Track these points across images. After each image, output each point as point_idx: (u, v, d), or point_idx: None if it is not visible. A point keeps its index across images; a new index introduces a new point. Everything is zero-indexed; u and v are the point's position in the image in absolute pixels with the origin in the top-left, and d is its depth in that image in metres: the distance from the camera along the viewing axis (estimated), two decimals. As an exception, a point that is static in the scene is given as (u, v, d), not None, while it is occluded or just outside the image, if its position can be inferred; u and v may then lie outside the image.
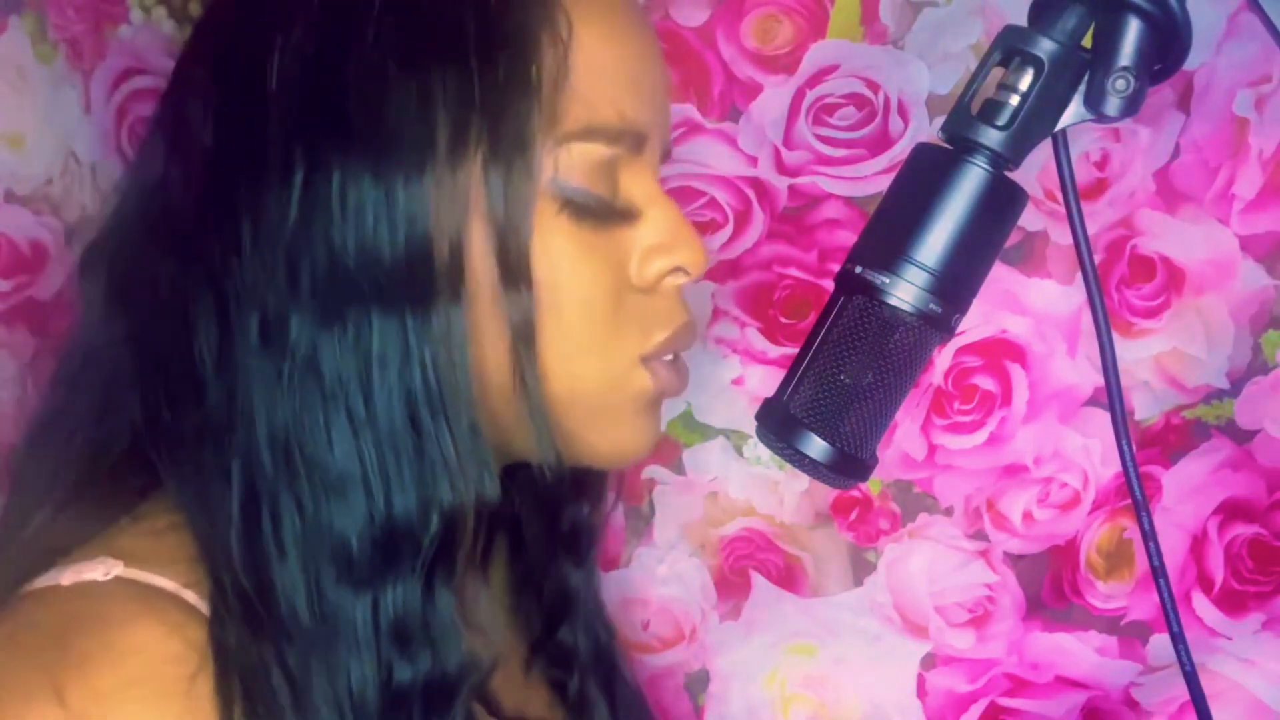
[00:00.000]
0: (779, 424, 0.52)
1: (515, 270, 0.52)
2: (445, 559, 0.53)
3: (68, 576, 0.50)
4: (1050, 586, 0.88)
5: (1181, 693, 0.86)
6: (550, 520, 0.69)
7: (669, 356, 0.58)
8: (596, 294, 0.54)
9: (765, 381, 0.88)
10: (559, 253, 0.53)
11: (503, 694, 0.61)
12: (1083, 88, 0.50)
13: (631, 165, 0.56)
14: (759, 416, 0.54)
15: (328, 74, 0.51)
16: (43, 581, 0.51)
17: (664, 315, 0.57)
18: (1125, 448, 0.54)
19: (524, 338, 0.52)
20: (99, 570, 0.50)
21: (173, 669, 0.48)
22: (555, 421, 0.55)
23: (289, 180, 0.50)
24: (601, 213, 0.54)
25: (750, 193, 0.85)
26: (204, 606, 0.51)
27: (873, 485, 0.88)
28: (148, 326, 0.54)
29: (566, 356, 0.54)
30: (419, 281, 0.50)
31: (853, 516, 0.89)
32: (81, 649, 0.48)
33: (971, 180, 0.50)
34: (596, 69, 0.53)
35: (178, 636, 0.49)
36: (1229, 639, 0.86)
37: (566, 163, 0.53)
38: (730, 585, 0.92)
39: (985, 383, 0.86)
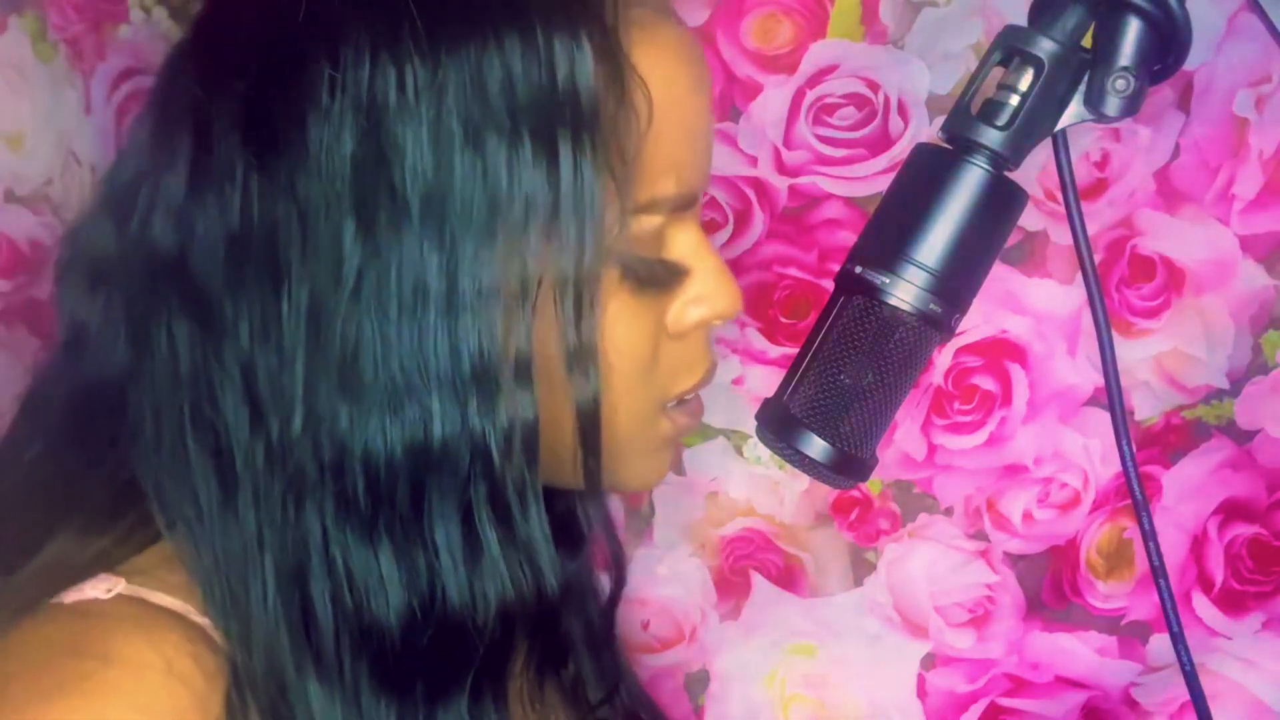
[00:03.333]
0: (779, 424, 0.52)
1: (584, 353, 0.49)
2: (497, 667, 0.50)
3: (69, 595, 0.49)
4: (1050, 586, 0.88)
5: (1181, 693, 0.86)
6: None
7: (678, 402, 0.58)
8: (642, 355, 0.54)
9: (765, 381, 0.88)
10: (615, 320, 0.52)
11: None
12: (1083, 88, 0.50)
13: (678, 223, 0.55)
14: (759, 416, 0.54)
15: (382, 148, 0.46)
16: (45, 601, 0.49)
17: (692, 361, 0.57)
18: (1125, 448, 0.54)
19: (592, 418, 0.50)
20: (101, 588, 0.49)
21: (175, 688, 0.47)
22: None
23: (338, 269, 0.47)
24: (661, 279, 0.54)
25: (750, 193, 0.85)
26: (213, 628, 0.49)
27: (873, 485, 0.88)
28: (164, 390, 0.50)
29: (607, 412, 0.52)
30: (485, 373, 0.48)
31: (853, 516, 0.89)
32: (81, 668, 0.46)
33: (971, 180, 0.50)
34: (664, 138, 0.51)
35: (181, 656, 0.48)
36: (1229, 639, 0.86)
37: (630, 235, 0.51)
38: (730, 585, 0.92)
39: (985, 383, 0.86)
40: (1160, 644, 0.88)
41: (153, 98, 0.54)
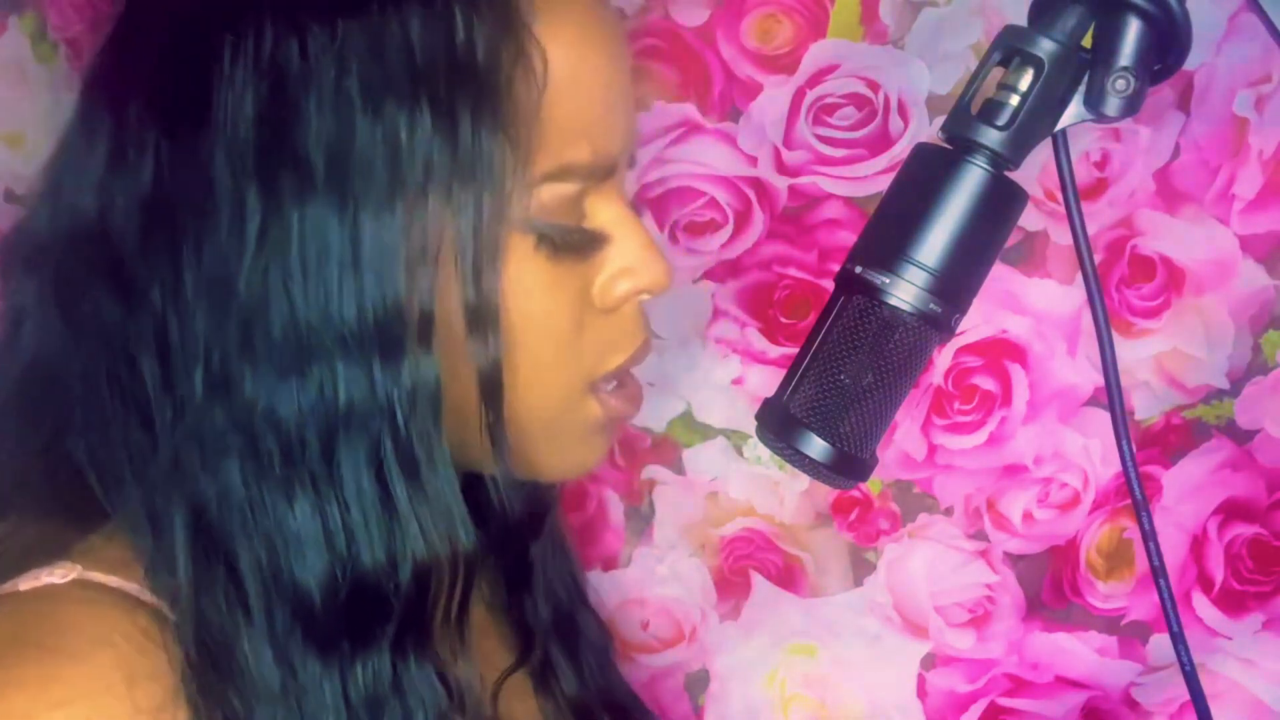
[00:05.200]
0: (779, 424, 0.52)
1: (484, 316, 0.50)
2: (417, 620, 0.51)
3: (25, 582, 0.49)
4: (1050, 586, 0.88)
5: (1181, 693, 0.86)
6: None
7: (613, 385, 0.57)
8: (562, 326, 0.54)
9: (765, 381, 0.88)
10: (531, 287, 0.52)
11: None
12: (1083, 88, 0.50)
13: (598, 192, 0.55)
14: (759, 416, 0.54)
15: (284, 112, 0.47)
16: (3, 589, 0.49)
17: (621, 336, 0.57)
18: (1125, 448, 0.54)
19: (492, 382, 0.51)
20: (56, 574, 0.49)
21: (132, 671, 0.47)
22: (512, 446, 0.53)
23: (241, 230, 0.47)
24: (576, 245, 0.54)
25: (750, 193, 0.85)
26: (166, 608, 0.49)
27: (873, 485, 0.88)
28: (91, 359, 0.51)
29: (524, 385, 0.53)
30: (388, 333, 0.48)
31: (853, 516, 0.89)
32: (39, 654, 0.46)
33: (971, 180, 0.50)
34: (570, 105, 0.52)
35: (137, 637, 0.48)
36: (1229, 639, 0.86)
37: (539, 202, 0.52)
38: (730, 585, 0.92)
39: (985, 383, 0.86)
40: (1160, 644, 0.88)
41: (82, 87, 0.55)
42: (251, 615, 0.49)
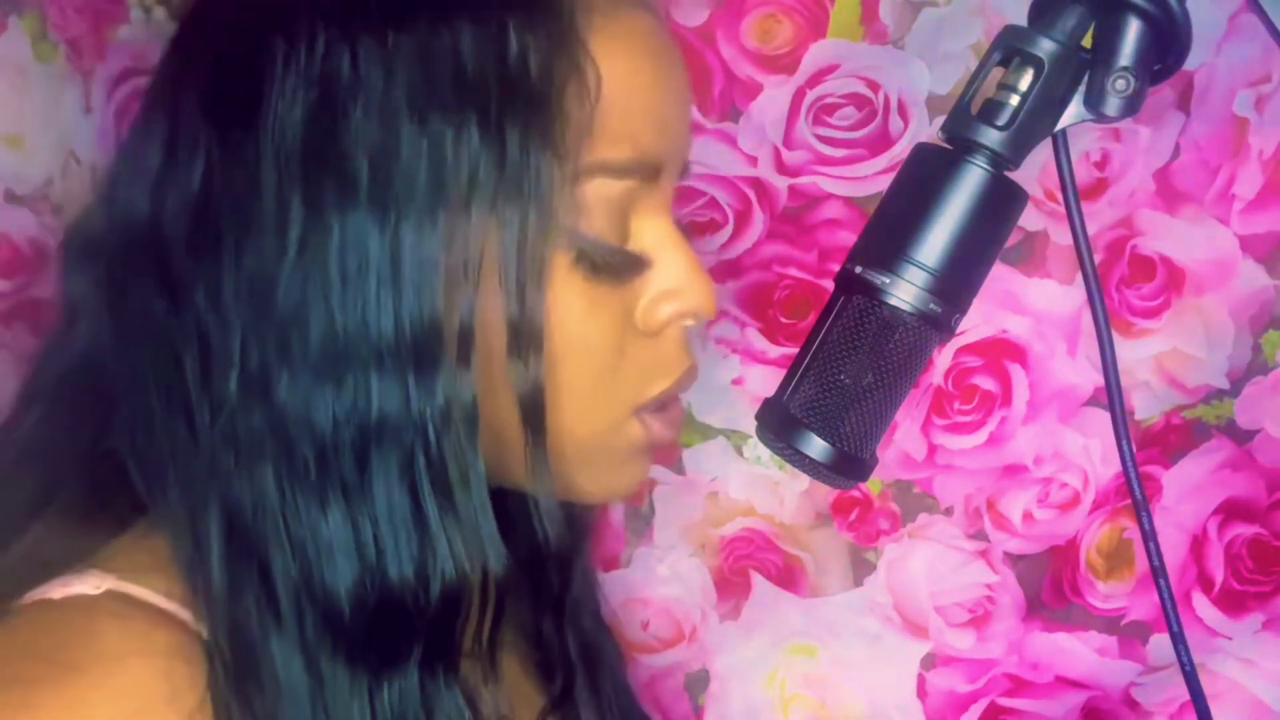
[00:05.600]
0: (779, 424, 0.52)
1: (526, 334, 0.49)
2: (446, 641, 0.50)
3: (57, 590, 0.48)
4: (1050, 586, 0.88)
5: (1181, 693, 0.86)
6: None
7: (655, 408, 0.56)
8: (602, 348, 0.53)
9: (765, 381, 0.88)
10: (569, 308, 0.51)
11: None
12: (1083, 88, 0.50)
13: (644, 200, 0.54)
14: (759, 416, 0.54)
15: (332, 120, 0.47)
16: (34, 596, 0.49)
17: (666, 362, 0.56)
18: (1125, 448, 0.54)
19: (533, 403, 0.50)
20: (89, 584, 0.48)
21: (161, 684, 0.47)
22: (553, 470, 0.53)
23: (283, 235, 0.47)
24: (617, 265, 0.53)
25: (750, 193, 0.85)
26: (195, 622, 0.49)
27: (873, 485, 0.88)
28: (139, 356, 0.51)
29: (563, 408, 0.52)
30: (424, 348, 0.48)
31: (853, 516, 0.89)
32: (70, 663, 0.46)
33: (971, 180, 0.50)
34: (618, 111, 0.51)
35: (167, 653, 0.48)
36: (1229, 639, 0.86)
37: (580, 207, 0.51)
38: (730, 585, 0.92)
39: (985, 383, 0.86)
40: (1160, 644, 0.88)
41: (146, 91, 0.55)
42: (282, 621, 0.49)
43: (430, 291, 0.48)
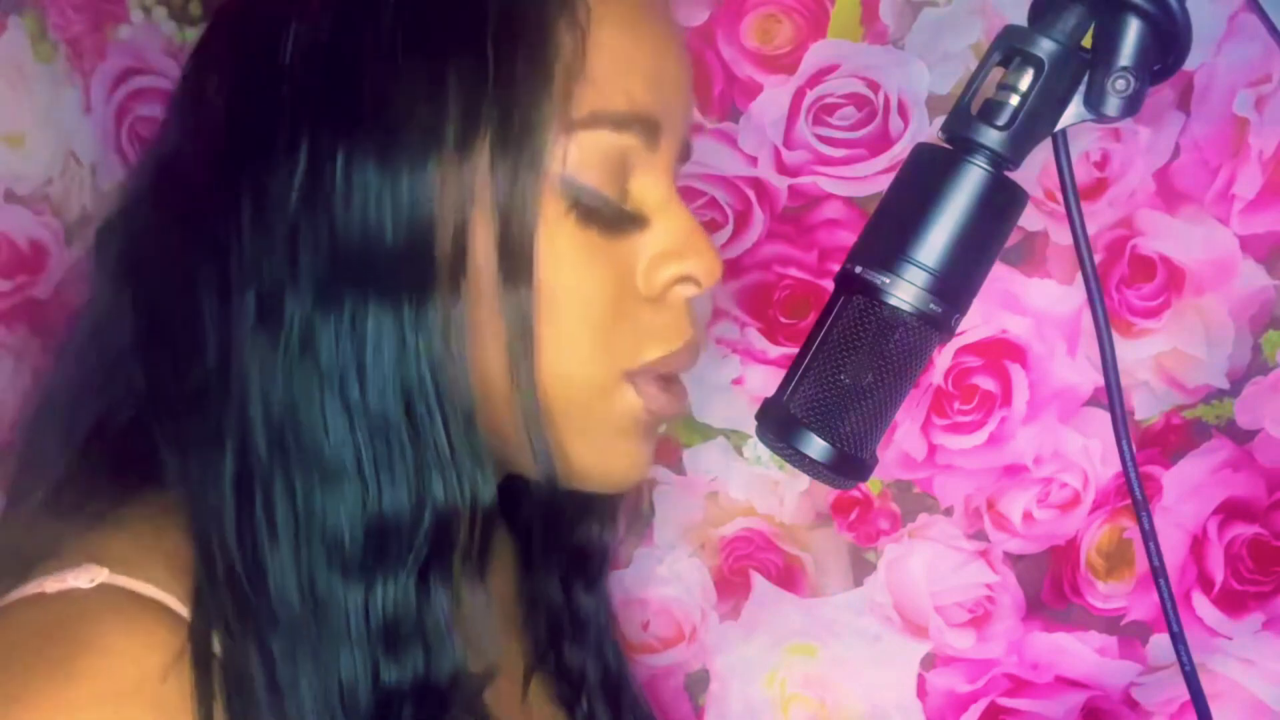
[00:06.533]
0: (779, 424, 0.52)
1: (517, 266, 0.51)
2: (440, 559, 0.52)
3: (51, 584, 0.49)
4: (1050, 586, 0.88)
5: (1181, 693, 0.86)
6: (554, 536, 0.68)
7: (662, 374, 0.57)
8: (596, 300, 0.53)
9: (765, 381, 0.88)
10: (563, 254, 0.52)
11: (500, 710, 0.59)
12: (1083, 88, 0.50)
13: (645, 164, 0.55)
14: (759, 416, 0.54)
15: (341, 56, 0.51)
16: (29, 589, 0.49)
17: (666, 329, 0.56)
18: (1125, 448, 0.54)
19: (521, 337, 0.51)
20: (84, 577, 0.49)
21: (155, 678, 0.47)
22: (546, 431, 0.53)
23: (294, 160, 0.50)
24: (610, 216, 0.53)
25: (750, 193, 0.85)
26: (187, 613, 0.50)
27: (873, 485, 0.88)
28: (154, 296, 0.54)
29: (556, 360, 0.53)
30: (417, 272, 0.50)
31: (853, 516, 0.89)
32: (65, 657, 0.46)
33: (971, 180, 0.50)
34: (610, 56, 0.52)
35: (161, 646, 0.48)
36: (1229, 639, 0.86)
37: (575, 156, 0.52)
38: (730, 585, 0.92)
39: (985, 383, 0.86)
40: (1160, 644, 0.88)
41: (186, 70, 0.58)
42: (279, 542, 0.50)
43: (424, 218, 0.50)
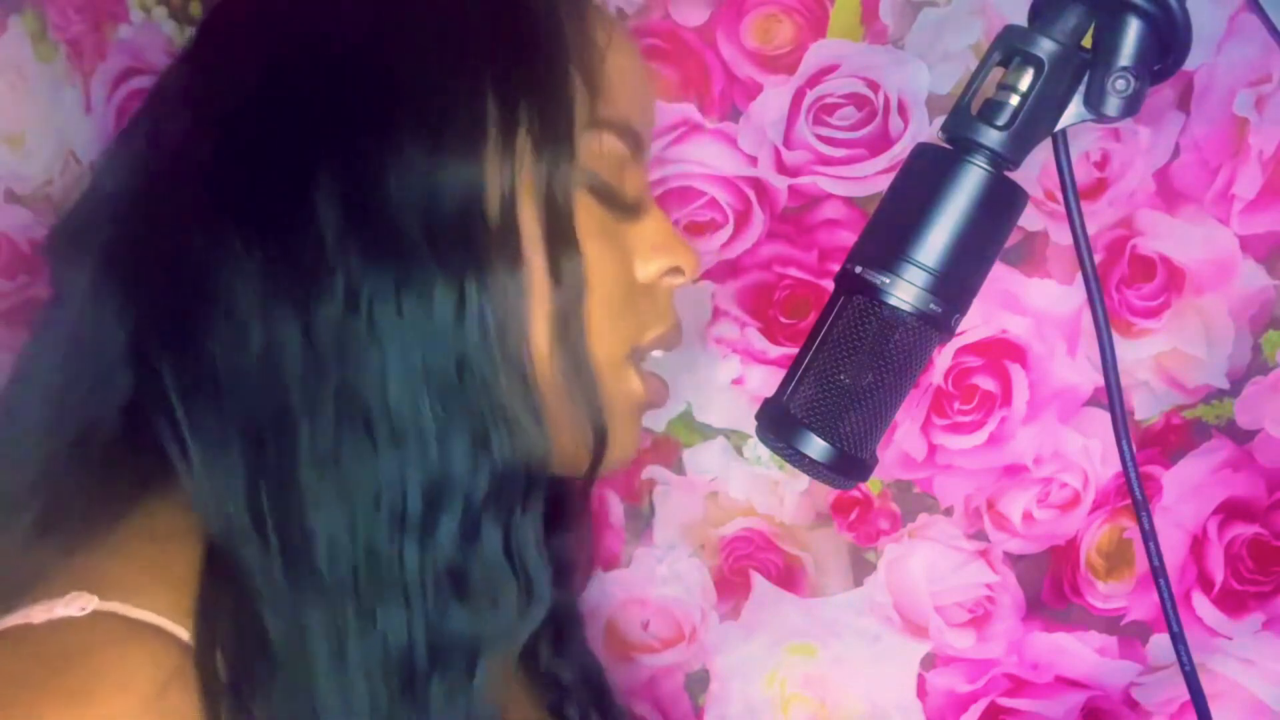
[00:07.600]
0: (779, 424, 0.52)
1: (564, 239, 0.54)
2: (501, 513, 0.53)
3: (38, 614, 0.47)
4: (1050, 586, 0.88)
5: (1181, 693, 0.86)
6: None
7: (655, 353, 0.62)
8: (617, 279, 0.58)
9: (765, 381, 0.88)
10: (586, 232, 0.55)
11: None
12: (1083, 88, 0.50)
13: (629, 171, 0.60)
14: (759, 416, 0.54)
15: (380, 62, 0.53)
16: (13, 620, 0.47)
17: (659, 313, 0.61)
18: (1125, 448, 0.54)
19: (573, 303, 0.54)
20: (74, 606, 0.47)
21: (156, 704, 0.46)
22: (555, 408, 0.55)
23: (344, 150, 0.52)
24: (618, 203, 0.58)
25: (750, 193, 0.85)
26: (185, 634, 0.48)
27: (873, 485, 0.88)
28: (171, 288, 0.53)
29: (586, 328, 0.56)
30: (476, 247, 0.52)
31: (853, 516, 0.89)
32: (61, 688, 0.45)
33: (971, 180, 0.50)
34: (617, 73, 0.58)
35: (162, 671, 0.46)
36: (1229, 639, 0.86)
37: (595, 152, 0.56)
38: (730, 585, 0.92)
39: (985, 383, 0.86)
40: (1160, 644, 0.88)
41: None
42: (330, 506, 0.50)
43: (476, 200, 0.52)
